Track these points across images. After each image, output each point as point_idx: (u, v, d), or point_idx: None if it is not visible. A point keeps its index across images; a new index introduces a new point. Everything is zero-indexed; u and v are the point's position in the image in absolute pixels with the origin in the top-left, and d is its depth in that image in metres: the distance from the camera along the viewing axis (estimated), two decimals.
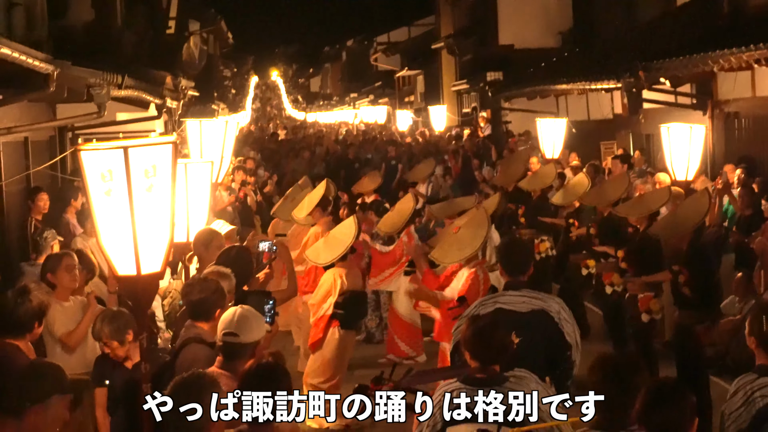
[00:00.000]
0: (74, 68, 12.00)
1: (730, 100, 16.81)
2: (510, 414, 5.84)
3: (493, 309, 7.42)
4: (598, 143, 22.82)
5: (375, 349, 14.26)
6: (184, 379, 5.12)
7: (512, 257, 7.76)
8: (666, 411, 4.84)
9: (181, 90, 21.21)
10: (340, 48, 76.62)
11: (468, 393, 5.98)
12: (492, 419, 5.83)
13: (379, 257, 13.20)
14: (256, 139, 41.86)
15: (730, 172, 15.17)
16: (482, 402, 5.90)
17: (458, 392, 6.03)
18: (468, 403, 5.94)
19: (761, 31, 13.52)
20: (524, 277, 7.63)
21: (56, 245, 11.71)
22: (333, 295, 11.08)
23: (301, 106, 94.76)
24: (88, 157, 5.44)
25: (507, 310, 7.38)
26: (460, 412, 5.94)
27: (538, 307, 7.41)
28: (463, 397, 5.96)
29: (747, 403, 5.92)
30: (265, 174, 24.98)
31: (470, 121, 35.52)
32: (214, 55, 42.01)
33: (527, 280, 7.66)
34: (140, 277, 5.55)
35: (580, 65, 23.26)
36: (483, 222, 10.30)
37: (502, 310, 7.38)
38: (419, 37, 51.30)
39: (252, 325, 6.26)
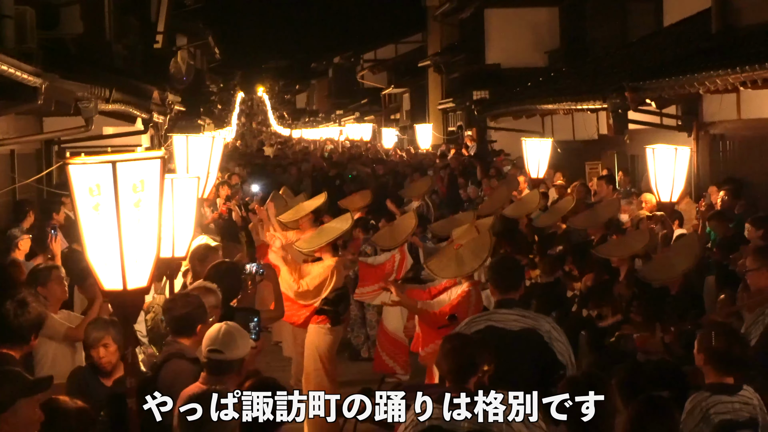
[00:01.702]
0: (63, 81, 11.99)
1: (716, 122, 16.87)
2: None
3: (485, 326, 7.44)
4: (583, 163, 22.86)
5: (360, 366, 14.26)
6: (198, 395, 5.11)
7: (504, 275, 7.75)
8: (656, 428, 4.87)
9: (167, 104, 21.19)
10: (326, 64, 76.59)
11: (441, 412, 6.00)
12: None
13: (367, 271, 13.20)
14: (242, 155, 41.85)
15: (713, 194, 15.21)
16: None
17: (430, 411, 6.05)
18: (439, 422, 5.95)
19: (748, 52, 13.59)
20: (516, 296, 7.63)
21: (26, 242, 11.76)
22: (327, 290, 11.13)
23: (287, 123, 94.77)
24: (76, 171, 5.44)
25: (498, 328, 7.39)
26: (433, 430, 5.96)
27: (529, 326, 7.42)
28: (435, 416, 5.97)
29: (704, 419, 5.97)
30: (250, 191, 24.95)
31: (456, 139, 35.54)
32: (201, 69, 42.02)
33: (519, 299, 7.67)
34: (126, 291, 5.54)
35: (566, 85, 23.32)
36: (486, 244, 10.35)
37: (493, 328, 7.39)
38: (406, 55, 51.34)
39: (237, 342, 6.26)
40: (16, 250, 11.85)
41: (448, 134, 38.62)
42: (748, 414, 6.14)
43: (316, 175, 30.42)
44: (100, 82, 13.78)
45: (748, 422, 6.08)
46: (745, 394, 6.15)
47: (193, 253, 9.48)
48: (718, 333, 6.29)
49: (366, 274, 12.98)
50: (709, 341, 6.28)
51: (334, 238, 11.37)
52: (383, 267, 13.10)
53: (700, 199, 15.73)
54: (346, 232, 11.60)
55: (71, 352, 8.94)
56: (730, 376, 6.19)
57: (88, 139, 16.39)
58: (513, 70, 31.08)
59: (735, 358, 6.22)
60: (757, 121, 15.63)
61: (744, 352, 6.28)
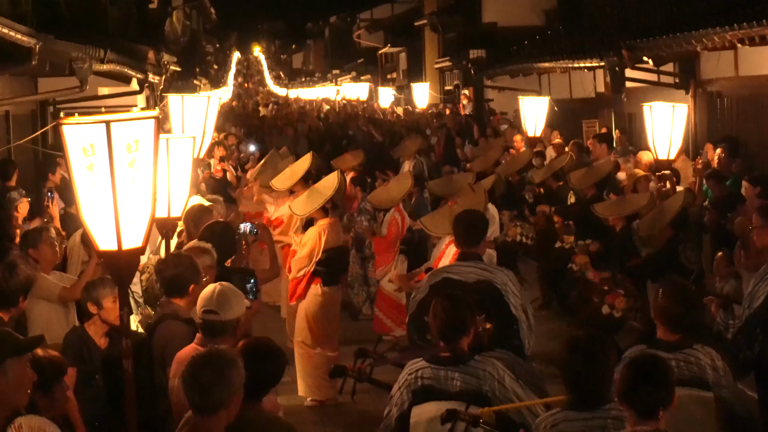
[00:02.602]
0: (57, 42, 11.94)
1: (713, 80, 16.82)
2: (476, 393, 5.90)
3: (441, 278, 7.55)
4: (580, 122, 22.80)
5: (361, 324, 14.27)
6: (204, 358, 5.09)
7: (463, 229, 7.83)
8: (651, 387, 4.85)
9: (163, 65, 21.13)
10: (323, 24, 76.45)
11: (433, 372, 6.02)
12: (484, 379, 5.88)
13: (380, 244, 13.25)
14: (238, 115, 41.75)
15: (710, 151, 15.19)
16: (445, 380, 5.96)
17: (423, 371, 6.07)
18: (432, 382, 5.99)
19: (746, 10, 13.52)
20: (476, 249, 7.68)
21: (24, 205, 11.76)
22: (317, 253, 11.12)
23: (283, 83, 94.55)
24: (70, 131, 5.40)
25: (454, 280, 7.47)
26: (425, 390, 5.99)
27: (484, 278, 7.46)
28: (427, 376, 6.01)
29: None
30: (247, 151, 24.91)
31: (452, 98, 35.48)
32: (197, 30, 41.85)
33: (479, 253, 7.69)
34: (121, 252, 5.52)
35: (563, 44, 23.23)
36: (480, 201, 10.38)
37: (449, 280, 7.47)
38: (402, 14, 51.16)
39: (231, 303, 6.25)
40: (15, 213, 11.83)
41: (444, 93, 38.53)
42: (689, 373, 6.12)
43: (312, 135, 30.37)
44: (95, 43, 13.72)
45: (687, 381, 6.07)
46: (691, 353, 6.08)
47: (188, 213, 9.46)
48: (665, 291, 6.27)
49: (380, 247, 13.03)
50: (656, 298, 6.31)
51: (325, 200, 11.33)
52: (390, 234, 13.14)
53: (697, 157, 15.72)
54: (337, 191, 11.56)
55: (64, 313, 8.96)
56: (675, 334, 6.18)
57: (83, 100, 16.35)
58: (509, 29, 30.93)
59: (677, 316, 6.20)
60: (754, 79, 15.57)
61: (689, 312, 6.24)
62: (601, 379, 5.28)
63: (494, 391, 5.94)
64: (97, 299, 7.63)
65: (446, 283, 7.40)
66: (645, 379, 4.87)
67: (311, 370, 11.22)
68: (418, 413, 5.98)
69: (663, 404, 4.84)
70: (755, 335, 7.62)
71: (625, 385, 4.90)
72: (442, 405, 5.85)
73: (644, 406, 4.82)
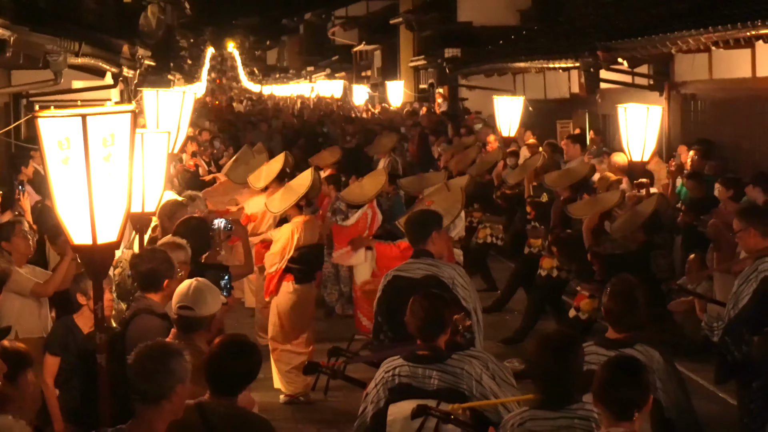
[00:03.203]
0: (32, 34, 11.88)
1: (687, 82, 16.89)
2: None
3: (392, 277, 7.75)
4: (554, 122, 22.87)
5: (334, 322, 14.26)
6: (149, 346, 5.10)
7: (410, 227, 8.04)
8: (627, 388, 4.85)
9: (137, 59, 21.03)
10: (297, 21, 76.27)
11: (410, 369, 6.02)
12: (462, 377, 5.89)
13: (340, 232, 13.16)
14: (211, 111, 41.64)
15: (683, 153, 15.26)
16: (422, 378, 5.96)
17: (400, 369, 6.06)
18: (409, 380, 5.99)
19: (720, 13, 13.59)
20: (425, 246, 7.77)
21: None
22: (289, 251, 11.10)
23: (257, 79, 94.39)
24: (45, 125, 5.37)
25: (403, 277, 7.63)
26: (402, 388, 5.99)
27: (431, 273, 7.60)
28: (405, 374, 6.01)
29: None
30: (221, 146, 24.84)
31: (427, 97, 35.50)
32: (171, 24, 41.72)
33: (429, 250, 7.76)
34: (96, 246, 5.49)
35: (538, 44, 23.30)
36: (457, 200, 10.42)
37: (399, 278, 7.66)
38: (378, 12, 51.13)
39: (207, 299, 6.24)
40: None
41: (419, 92, 38.56)
42: None
43: (287, 132, 30.33)
44: (70, 36, 13.66)
45: None
46: (630, 352, 6.03)
47: (162, 209, 9.43)
48: (610, 290, 6.28)
49: (339, 235, 12.95)
50: (604, 295, 6.32)
51: (298, 197, 11.31)
52: (355, 226, 13.07)
53: (671, 158, 15.78)
54: (312, 189, 11.55)
55: (37, 307, 8.93)
56: (618, 332, 6.19)
57: (57, 93, 16.29)
58: (485, 28, 31.03)
59: (618, 315, 6.17)
60: (728, 81, 15.66)
61: (632, 312, 6.21)
62: (569, 378, 5.28)
63: (472, 390, 5.94)
64: (86, 290, 7.59)
65: (396, 281, 7.64)
66: (622, 379, 4.87)
67: (281, 366, 11.24)
68: (395, 411, 5.97)
69: (638, 405, 4.84)
70: (742, 336, 7.69)
71: (601, 385, 4.90)
72: (420, 403, 5.85)
73: (620, 407, 4.82)
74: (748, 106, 15.19)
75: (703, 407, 10.48)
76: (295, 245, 11.12)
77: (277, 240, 11.32)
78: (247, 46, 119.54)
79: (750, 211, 8.55)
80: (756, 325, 7.69)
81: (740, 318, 7.72)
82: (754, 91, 14.93)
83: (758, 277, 7.73)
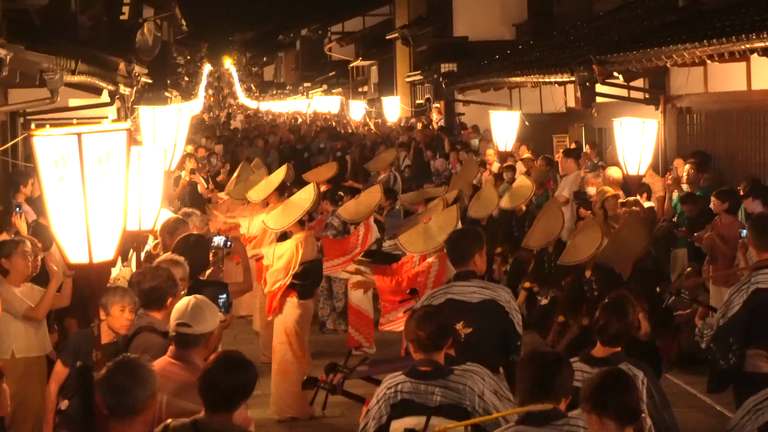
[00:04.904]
0: (27, 53, 11.88)
1: (683, 96, 16.91)
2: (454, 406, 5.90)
3: (444, 300, 7.49)
4: (550, 136, 22.88)
5: (328, 338, 14.28)
6: (117, 362, 5.12)
7: (457, 247, 7.83)
8: (620, 397, 4.88)
9: (134, 76, 21.04)
10: (294, 37, 76.28)
11: (412, 386, 6.02)
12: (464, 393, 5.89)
13: (331, 245, 13.17)
14: (208, 127, 41.67)
15: (679, 167, 15.28)
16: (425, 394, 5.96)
17: (402, 385, 6.06)
18: (411, 396, 5.99)
19: (715, 26, 13.62)
20: (468, 267, 7.64)
21: None
22: (294, 266, 11.09)
23: (254, 95, 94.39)
24: (41, 143, 5.39)
25: (458, 301, 7.46)
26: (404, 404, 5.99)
27: (488, 297, 7.48)
28: (407, 390, 6.01)
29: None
30: (218, 163, 24.88)
31: (423, 112, 35.53)
32: (168, 41, 41.75)
33: (474, 270, 7.67)
34: (92, 265, 5.50)
35: (534, 58, 23.33)
36: (452, 217, 10.43)
37: (453, 301, 7.45)
38: (374, 27, 51.21)
39: (205, 316, 6.24)
40: None
41: (416, 107, 38.58)
42: None
43: (284, 147, 30.36)
44: (66, 54, 13.66)
45: None
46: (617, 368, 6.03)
47: (163, 226, 9.44)
48: (602, 308, 6.32)
49: (330, 248, 12.96)
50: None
51: (301, 214, 11.32)
52: (347, 240, 13.09)
53: (667, 172, 15.80)
54: (313, 204, 11.56)
55: (34, 326, 8.92)
56: (605, 349, 6.21)
57: (54, 111, 16.28)
58: (480, 43, 31.07)
59: (604, 331, 6.22)
60: (723, 95, 15.69)
61: (619, 329, 6.24)
62: (555, 394, 5.29)
63: (474, 406, 5.93)
64: (105, 305, 7.57)
65: (450, 304, 7.35)
66: (615, 393, 4.89)
67: (289, 387, 11.06)
68: (397, 427, 5.96)
69: (633, 411, 4.88)
70: (729, 345, 7.71)
71: (592, 394, 4.92)
72: (422, 419, 5.84)
73: (614, 417, 4.84)
74: (743, 119, 15.21)
75: (700, 420, 10.54)
76: (299, 261, 11.12)
77: (280, 256, 11.29)
78: (244, 63, 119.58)
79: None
80: (743, 335, 7.73)
81: (728, 326, 7.76)
82: (750, 104, 14.96)
83: (749, 288, 7.77)
